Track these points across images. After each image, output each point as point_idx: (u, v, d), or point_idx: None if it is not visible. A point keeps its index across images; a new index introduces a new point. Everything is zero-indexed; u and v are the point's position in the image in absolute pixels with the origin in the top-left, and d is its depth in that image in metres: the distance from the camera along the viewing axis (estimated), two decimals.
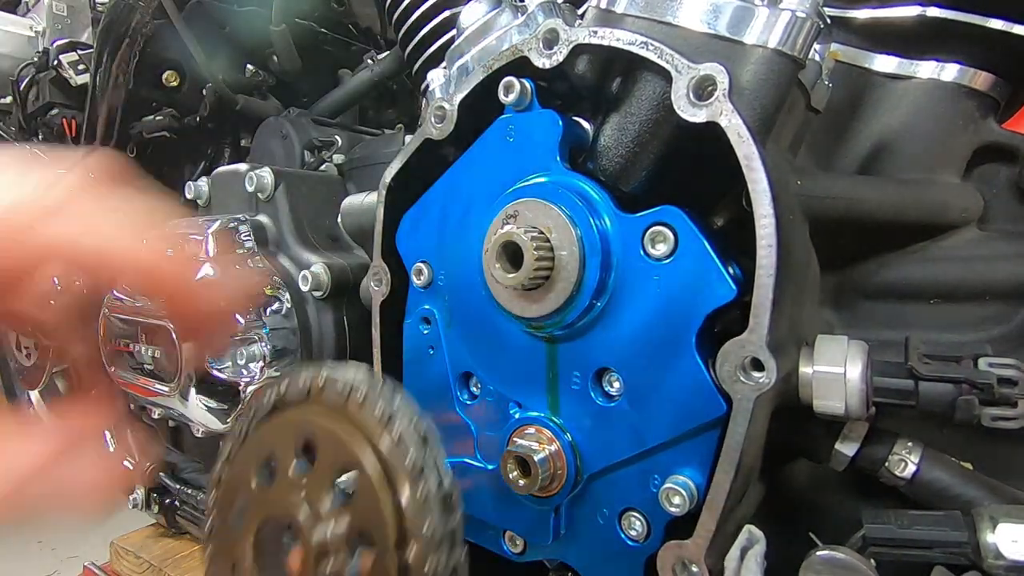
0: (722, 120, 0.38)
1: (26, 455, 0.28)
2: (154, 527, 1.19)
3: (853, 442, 0.49)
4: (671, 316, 0.41)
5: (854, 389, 0.42)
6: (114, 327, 0.89)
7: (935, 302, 0.56)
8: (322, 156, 1.00)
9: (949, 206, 0.56)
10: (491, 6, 0.58)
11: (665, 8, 0.44)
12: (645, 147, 0.45)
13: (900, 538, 0.42)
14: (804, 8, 0.43)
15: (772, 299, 0.37)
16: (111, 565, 1.18)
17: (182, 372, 0.79)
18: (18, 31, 1.49)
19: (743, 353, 0.37)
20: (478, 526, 0.52)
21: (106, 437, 1.24)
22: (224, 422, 0.81)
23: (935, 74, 0.58)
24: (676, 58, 0.40)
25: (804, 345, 0.45)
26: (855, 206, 0.54)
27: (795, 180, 0.50)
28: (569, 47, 0.44)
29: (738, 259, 0.41)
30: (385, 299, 0.56)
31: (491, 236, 0.45)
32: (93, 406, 0.34)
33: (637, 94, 0.44)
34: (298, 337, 0.79)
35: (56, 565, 2.53)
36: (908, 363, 0.45)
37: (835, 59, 0.60)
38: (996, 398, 0.44)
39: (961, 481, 0.47)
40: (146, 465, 1.00)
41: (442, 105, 0.51)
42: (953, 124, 0.58)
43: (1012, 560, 0.40)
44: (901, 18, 0.57)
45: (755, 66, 0.43)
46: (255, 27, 1.14)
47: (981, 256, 0.55)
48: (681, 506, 0.41)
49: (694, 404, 0.40)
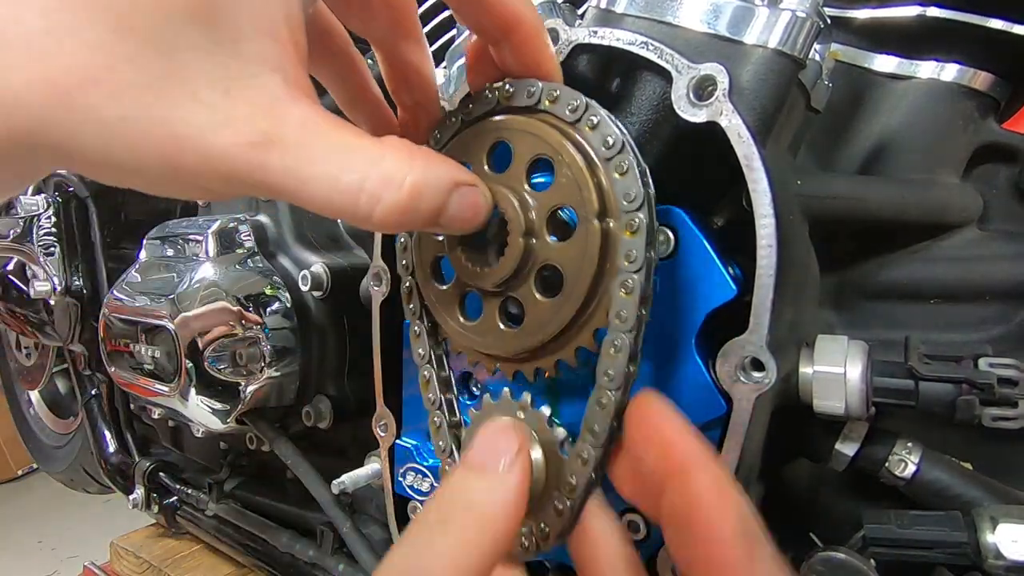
0: (722, 120, 0.38)
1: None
2: (154, 527, 1.19)
3: (853, 442, 0.49)
4: (671, 316, 0.41)
5: (854, 389, 0.42)
6: (114, 327, 0.89)
7: (935, 302, 0.56)
8: None
9: (949, 206, 0.56)
10: None
11: (665, 8, 0.44)
12: (645, 147, 0.45)
13: (900, 538, 0.42)
14: (804, 8, 0.43)
15: (772, 299, 0.37)
16: (111, 565, 1.18)
17: (182, 372, 0.79)
18: None
19: (743, 353, 0.37)
20: None
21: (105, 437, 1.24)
22: (224, 422, 0.81)
23: (935, 74, 0.58)
24: (676, 58, 0.40)
25: (804, 345, 0.45)
26: (855, 206, 0.54)
27: (795, 180, 0.50)
28: (569, 47, 0.44)
29: (738, 259, 0.41)
30: (385, 299, 0.56)
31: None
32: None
33: (637, 94, 0.44)
34: (298, 337, 0.80)
35: (56, 565, 2.53)
36: (908, 363, 0.45)
37: (835, 59, 0.60)
38: (996, 398, 0.44)
39: (961, 481, 0.47)
40: None
41: (442, 105, 0.50)
42: (953, 124, 0.58)
43: (1012, 560, 0.40)
44: (901, 18, 0.57)
45: (755, 66, 0.43)
46: None
47: (981, 256, 0.55)
48: None
49: (694, 404, 0.40)
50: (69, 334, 1.18)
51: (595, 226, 0.35)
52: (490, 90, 0.38)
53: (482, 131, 0.39)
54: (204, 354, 0.78)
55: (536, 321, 0.38)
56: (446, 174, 0.30)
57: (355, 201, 0.26)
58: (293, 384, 0.80)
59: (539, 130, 0.37)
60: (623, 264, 0.35)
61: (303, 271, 0.80)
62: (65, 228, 1.16)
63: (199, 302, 0.78)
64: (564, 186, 0.36)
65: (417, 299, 0.45)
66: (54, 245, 1.17)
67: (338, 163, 0.26)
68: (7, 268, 1.35)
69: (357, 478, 0.66)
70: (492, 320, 0.40)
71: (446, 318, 0.43)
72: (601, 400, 0.35)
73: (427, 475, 0.54)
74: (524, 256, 0.37)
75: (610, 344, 0.35)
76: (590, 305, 0.36)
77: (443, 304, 0.42)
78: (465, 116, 0.39)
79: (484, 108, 0.38)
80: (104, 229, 1.17)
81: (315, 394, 0.82)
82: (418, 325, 0.45)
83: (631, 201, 0.35)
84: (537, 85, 0.36)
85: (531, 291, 0.38)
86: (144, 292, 0.86)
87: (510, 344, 0.40)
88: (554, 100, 0.36)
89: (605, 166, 0.35)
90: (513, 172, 0.38)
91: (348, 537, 0.77)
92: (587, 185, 0.35)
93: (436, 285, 0.42)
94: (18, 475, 3.25)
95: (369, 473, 0.67)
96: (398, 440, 0.56)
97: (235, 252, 0.84)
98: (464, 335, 0.42)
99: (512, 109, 0.38)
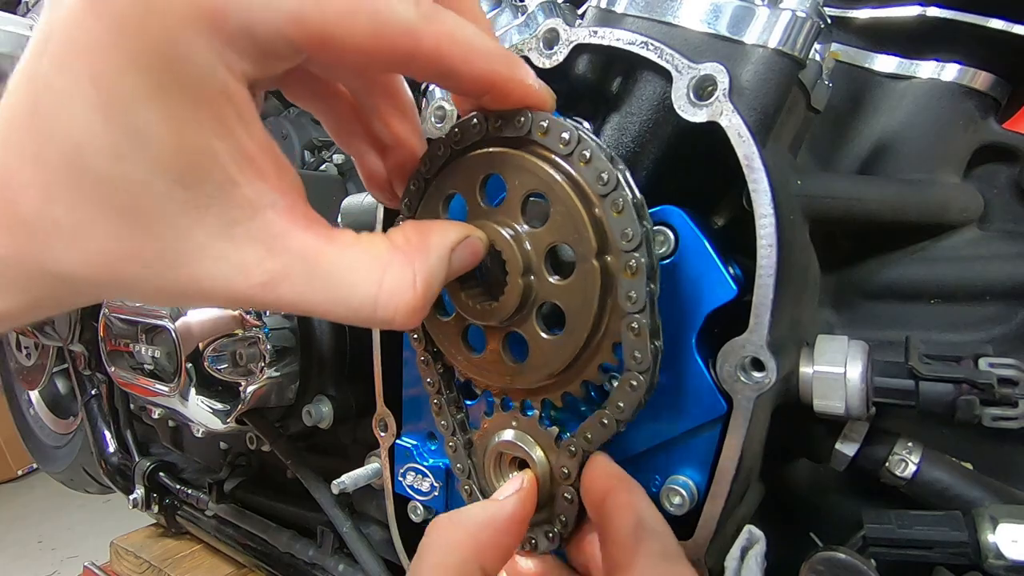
0: (722, 120, 0.38)
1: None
2: (154, 527, 1.19)
3: (853, 442, 0.49)
4: (671, 316, 0.41)
5: (854, 389, 0.42)
6: (114, 327, 0.89)
7: (935, 302, 0.56)
8: (322, 156, 1.00)
9: (949, 206, 0.56)
10: (491, 6, 0.58)
11: (665, 8, 0.44)
12: (645, 147, 0.45)
13: (900, 538, 0.42)
14: (804, 8, 0.43)
15: (772, 299, 0.37)
16: (111, 565, 1.18)
17: (182, 372, 0.79)
18: (18, 31, 1.49)
19: (743, 353, 0.37)
20: None
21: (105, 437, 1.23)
22: (224, 422, 0.81)
23: (935, 74, 0.58)
24: (676, 58, 0.40)
25: (804, 345, 0.45)
26: (855, 206, 0.54)
27: (795, 180, 0.50)
28: (569, 47, 0.44)
29: (738, 259, 0.41)
30: None
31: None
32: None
33: (637, 94, 0.44)
34: (298, 337, 0.80)
35: (56, 565, 2.53)
36: (908, 363, 0.45)
37: (835, 59, 0.60)
38: (996, 398, 0.44)
39: (961, 481, 0.47)
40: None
41: (442, 105, 0.50)
42: (953, 124, 0.58)
43: (1013, 560, 0.40)
44: (901, 18, 0.57)
45: (755, 66, 0.43)
46: None
47: (981, 256, 0.55)
48: (681, 506, 0.41)
49: (694, 404, 0.40)
50: (69, 334, 1.18)
51: (594, 266, 0.35)
52: (479, 119, 0.37)
53: (472, 163, 0.38)
54: (204, 354, 0.78)
55: (540, 357, 0.38)
56: (443, 246, 0.32)
57: (371, 315, 0.29)
58: (293, 384, 0.80)
59: (531, 165, 0.36)
60: (626, 305, 0.35)
61: None
62: None
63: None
64: (560, 223, 0.36)
65: (421, 329, 0.45)
66: None
67: (346, 285, 0.29)
68: None
69: (357, 478, 0.66)
70: (496, 355, 0.40)
71: (451, 351, 0.43)
72: (603, 421, 0.38)
73: (427, 475, 0.54)
74: (524, 295, 0.37)
75: (626, 383, 0.36)
76: (593, 340, 0.37)
77: (447, 337, 0.42)
78: (454, 145, 0.38)
79: (473, 138, 0.38)
80: None
81: (315, 394, 0.82)
82: (424, 354, 0.45)
83: (629, 240, 0.34)
84: (526, 115, 0.35)
85: (534, 327, 0.38)
86: None
87: (516, 380, 0.40)
88: (545, 132, 0.35)
89: (601, 203, 0.35)
90: (507, 207, 0.37)
91: (348, 537, 0.77)
92: (583, 222, 0.35)
93: (439, 318, 0.42)
94: (18, 475, 3.25)
95: (369, 473, 0.67)
96: (398, 440, 0.56)
97: None
98: (469, 368, 0.42)
99: (501, 140, 0.37)
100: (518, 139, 0.36)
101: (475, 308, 0.39)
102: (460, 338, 0.42)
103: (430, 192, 0.39)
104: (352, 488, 0.66)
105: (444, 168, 0.39)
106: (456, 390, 0.47)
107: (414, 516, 0.57)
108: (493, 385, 0.42)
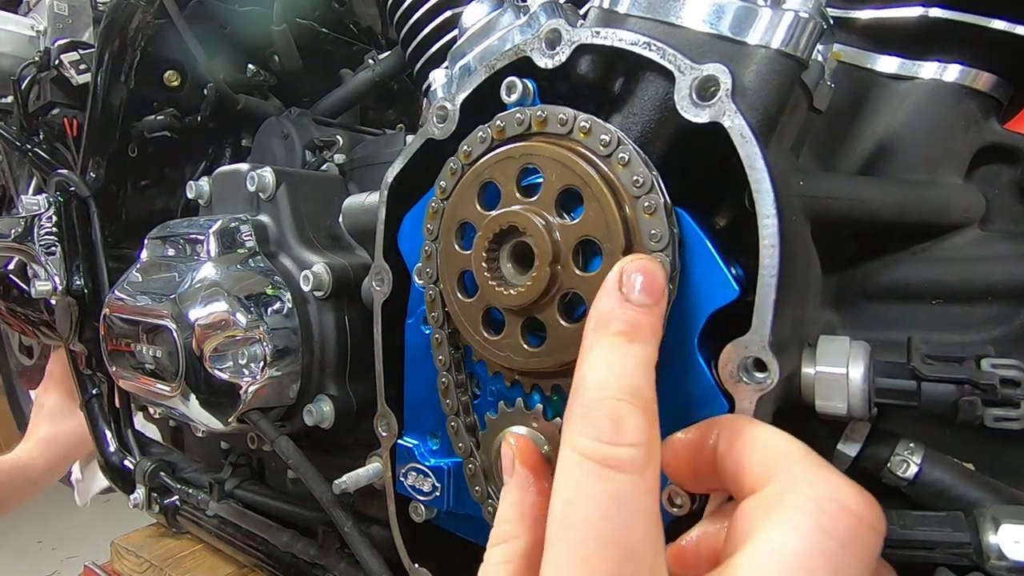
0: (725, 121, 0.38)
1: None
2: (154, 527, 1.19)
3: (855, 443, 0.49)
4: (673, 316, 0.41)
5: (856, 390, 0.42)
6: (115, 327, 0.89)
7: (937, 303, 0.56)
8: (323, 156, 1.00)
9: (951, 207, 0.56)
10: (493, 6, 0.58)
11: (668, 8, 0.44)
12: (647, 147, 0.45)
13: (902, 539, 0.42)
14: (807, 9, 0.43)
15: (775, 299, 0.37)
16: (111, 565, 1.17)
17: (183, 372, 0.79)
18: (19, 31, 1.49)
19: (745, 353, 0.37)
20: (476, 524, 0.52)
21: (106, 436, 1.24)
22: (225, 422, 0.81)
23: (937, 75, 0.58)
24: (679, 58, 0.40)
25: (806, 346, 0.45)
26: (857, 206, 0.54)
27: (798, 180, 0.50)
28: (571, 47, 0.44)
29: (740, 259, 0.41)
30: (387, 299, 0.56)
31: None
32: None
33: (640, 94, 0.44)
34: (299, 337, 0.80)
35: (56, 565, 2.53)
36: (910, 364, 0.45)
37: (838, 60, 0.60)
38: (999, 399, 0.44)
39: (963, 482, 0.47)
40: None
41: (444, 105, 0.50)
42: (955, 125, 0.58)
43: (1015, 561, 0.40)
44: (903, 19, 0.57)
45: (758, 67, 0.43)
46: (256, 27, 1.14)
47: (983, 257, 0.55)
48: (683, 507, 0.41)
49: (696, 404, 0.40)
50: (70, 334, 1.18)
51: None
52: (522, 112, 0.39)
53: (513, 154, 0.40)
54: (205, 354, 0.78)
55: (558, 343, 0.39)
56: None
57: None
58: (294, 384, 0.80)
59: (570, 161, 0.38)
60: None
61: (304, 271, 0.80)
62: (66, 227, 1.16)
63: (200, 302, 0.78)
64: (592, 219, 0.37)
65: (440, 308, 0.46)
66: (55, 244, 1.17)
67: None
68: (8, 267, 1.35)
69: (358, 478, 0.66)
70: (514, 337, 0.41)
71: (469, 330, 0.44)
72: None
73: (428, 475, 0.54)
74: (549, 283, 0.38)
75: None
76: None
77: (467, 316, 0.44)
78: (496, 135, 0.41)
79: (516, 130, 0.40)
80: (105, 229, 1.16)
81: (316, 394, 0.82)
82: (439, 333, 0.47)
83: (657, 241, 0.36)
84: (569, 113, 0.38)
85: (554, 315, 0.39)
86: (145, 292, 0.86)
87: (531, 363, 0.41)
88: (587, 132, 0.38)
89: (633, 204, 0.37)
90: (542, 199, 0.39)
91: (349, 537, 0.77)
92: (615, 221, 0.36)
93: (461, 297, 0.44)
94: None
95: (371, 473, 0.67)
96: (400, 440, 0.56)
97: (236, 252, 0.84)
98: (486, 348, 0.43)
99: (544, 135, 0.39)
100: (559, 135, 0.39)
101: (499, 292, 0.40)
102: (480, 318, 0.43)
103: (467, 178, 0.42)
104: (353, 488, 0.66)
105: (482, 157, 0.41)
106: (465, 373, 0.48)
107: (415, 516, 0.57)
108: (507, 367, 0.43)
